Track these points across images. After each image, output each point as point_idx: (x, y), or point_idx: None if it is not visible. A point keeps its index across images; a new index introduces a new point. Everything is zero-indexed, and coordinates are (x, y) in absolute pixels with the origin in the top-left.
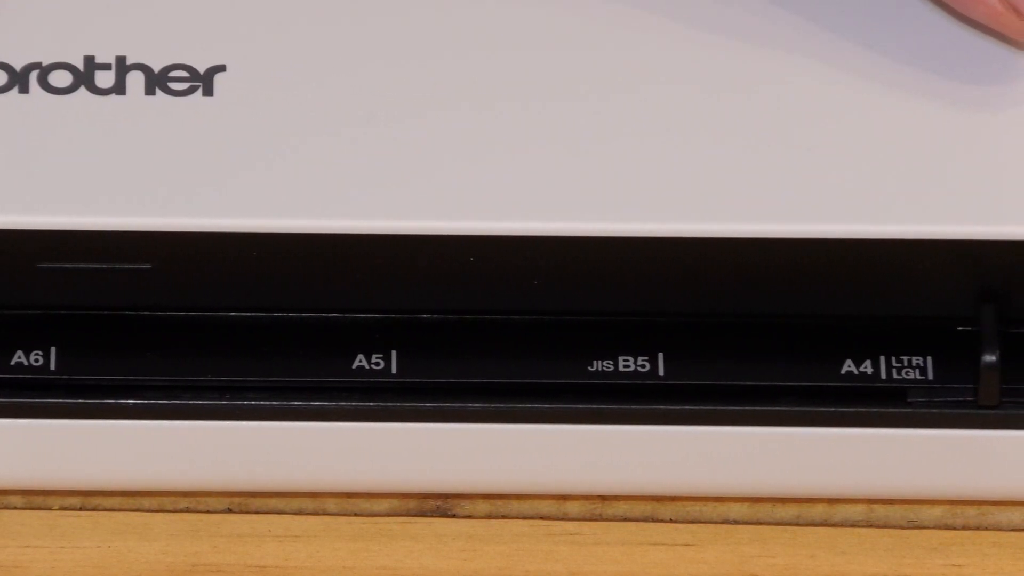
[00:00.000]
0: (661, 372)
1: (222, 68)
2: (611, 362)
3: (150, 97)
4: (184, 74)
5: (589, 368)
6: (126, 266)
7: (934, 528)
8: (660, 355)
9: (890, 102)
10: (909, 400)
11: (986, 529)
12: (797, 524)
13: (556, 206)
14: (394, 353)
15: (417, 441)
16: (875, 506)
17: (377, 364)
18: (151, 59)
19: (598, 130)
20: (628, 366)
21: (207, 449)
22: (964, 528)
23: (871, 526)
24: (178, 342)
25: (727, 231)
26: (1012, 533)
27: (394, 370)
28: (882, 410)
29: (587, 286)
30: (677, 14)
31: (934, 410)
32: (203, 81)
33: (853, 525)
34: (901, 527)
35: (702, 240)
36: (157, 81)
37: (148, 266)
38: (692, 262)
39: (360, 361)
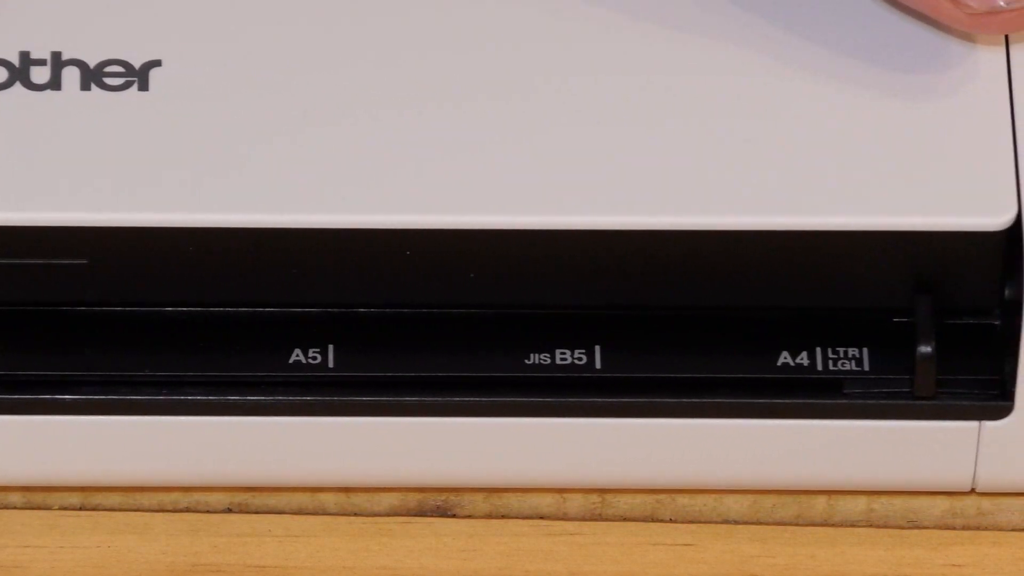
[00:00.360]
0: (598, 365)
1: (157, 63)
2: (548, 355)
3: (85, 92)
4: (119, 69)
5: (526, 361)
6: (62, 261)
7: (934, 528)
8: (597, 348)
9: (825, 93)
10: (845, 391)
11: (986, 529)
12: (797, 524)
13: (492, 200)
14: (331, 347)
15: (354, 435)
16: (875, 506)
17: (314, 358)
18: (86, 54)
19: (533, 124)
20: (565, 359)
21: (144, 443)
22: (964, 528)
23: (871, 526)
24: (115, 337)
25: (663, 224)
26: (1012, 533)
27: (331, 364)
28: (818, 401)
29: (524, 280)
30: (620, 7)
31: (870, 401)
32: (138, 76)
33: (853, 525)
34: (901, 527)
35: (638, 233)
36: (92, 76)
37: (84, 261)
38: (629, 255)
39: (297, 355)
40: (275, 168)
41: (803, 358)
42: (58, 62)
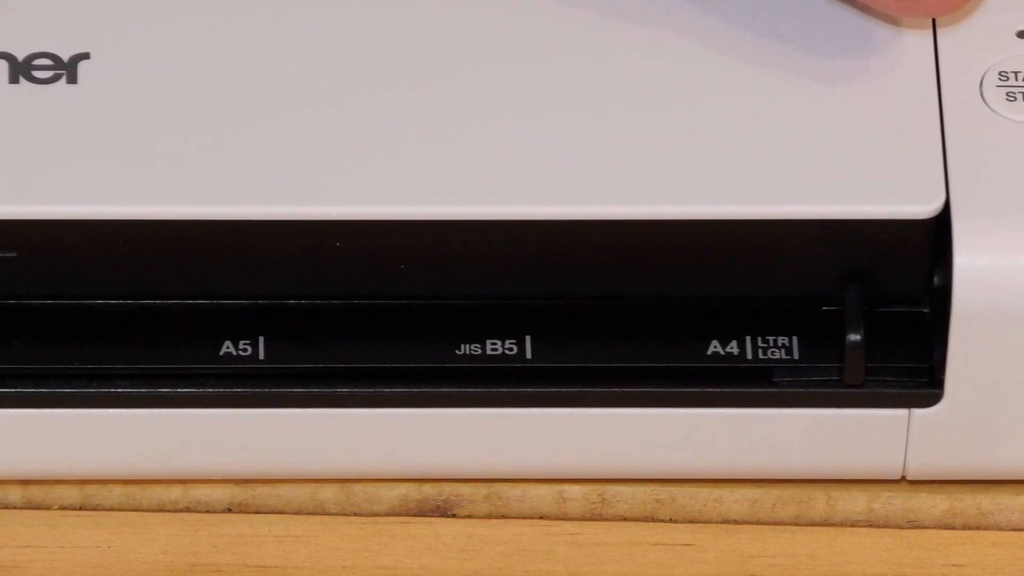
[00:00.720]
0: (528, 355)
1: (86, 56)
2: (479, 345)
3: (14, 86)
4: (48, 62)
5: (457, 352)
6: None
7: (934, 528)
8: (527, 338)
9: (750, 80)
10: (775, 380)
11: (986, 529)
12: (797, 524)
13: (420, 191)
14: (261, 339)
15: (285, 427)
16: (875, 505)
17: (244, 350)
18: (14, 48)
19: (460, 113)
20: (496, 349)
21: (74, 436)
22: (964, 528)
23: (871, 526)
24: (44, 330)
25: (592, 213)
26: (1012, 533)
27: (261, 356)
28: (748, 390)
29: (454, 270)
30: None
31: (800, 390)
32: (67, 69)
33: (853, 525)
34: (901, 527)
35: (567, 223)
36: (20, 70)
37: (13, 254)
38: (558, 245)
39: (227, 348)
40: (204, 160)
41: (733, 347)
42: None
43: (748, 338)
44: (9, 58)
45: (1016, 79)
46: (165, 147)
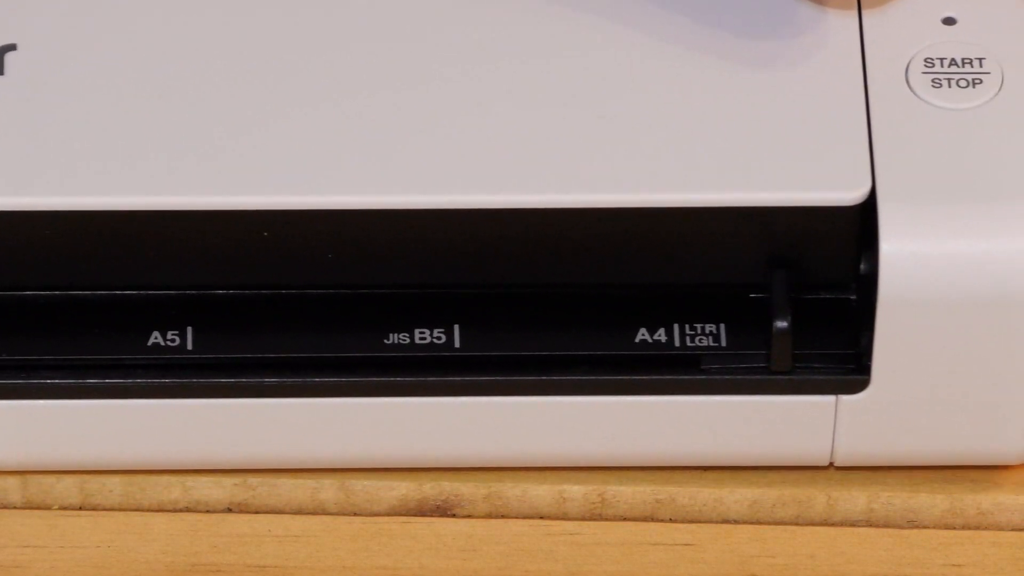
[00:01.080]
0: (457, 344)
1: (12, 48)
2: (407, 335)
3: None
4: None
5: (385, 341)
6: None
7: (934, 528)
8: (456, 327)
9: (673, 64)
10: (703, 367)
11: (986, 529)
12: (797, 524)
13: (349, 179)
14: (190, 329)
15: (214, 417)
16: (875, 505)
17: (172, 340)
18: None
19: (384, 102)
20: (424, 338)
21: (1, 428)
22: (964, 528)
23: (871, 525)
24: None
25: (519, 202)
26: (1012, 533)
27: (190, 346)
28: (676, 377)
29: (382, 259)
30: None
31: (727, 377)
32: None
33: (853, 524)
34: (901, 527)
35: (495, 211)
36: None
37: None
38: (487, 233)
39: (155, 338)
40: (131, 150)
41: (661, 334)
42: None
43: (676, 325)
44: None
45: (942, 66)
46: (90, 138)
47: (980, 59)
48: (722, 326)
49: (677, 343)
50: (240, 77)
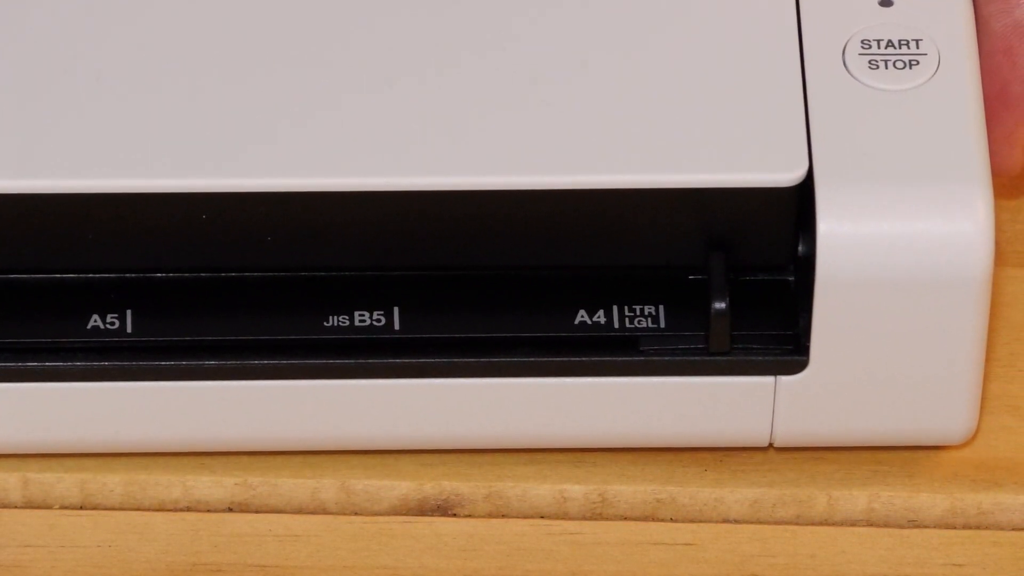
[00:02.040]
0: (396, 326)
1: None
2: (347, 317)
3: None
4: None
5: (324, 323)
6: None
7: (934, 527)
8: (395, 309)
9: (611, 47)
10: (642, 348)
11: (986, 528)
12: (797, 523)
13: (285, 162)
14: (129, 312)
15: (152, 399)
16: (875, 505)
17: (112, 324)
18: None
19: (322, 84)
20: (364, 320)
21: None
22: (965, 527)
23: (871, 525)
24: None
25: (456, 184)
26: (1013, 532)
27: (129, 329)
28: (615, 359)
29: (321, 242)
30: None
31: (666, 358)
32: None
33: (853, 524)
34: (901, 526)
35: (433, 193)
36: None
37: None
38: (424, 215)
39: (95, 321)
40: (68, 133)
41: (600, 316)
42: None
43: (615, 307)
44: None
45: (879, 47)
46: (27, 121)
47: (917, 40)
48: (661, 307)
49: (616, 325)
50: (175, 59)
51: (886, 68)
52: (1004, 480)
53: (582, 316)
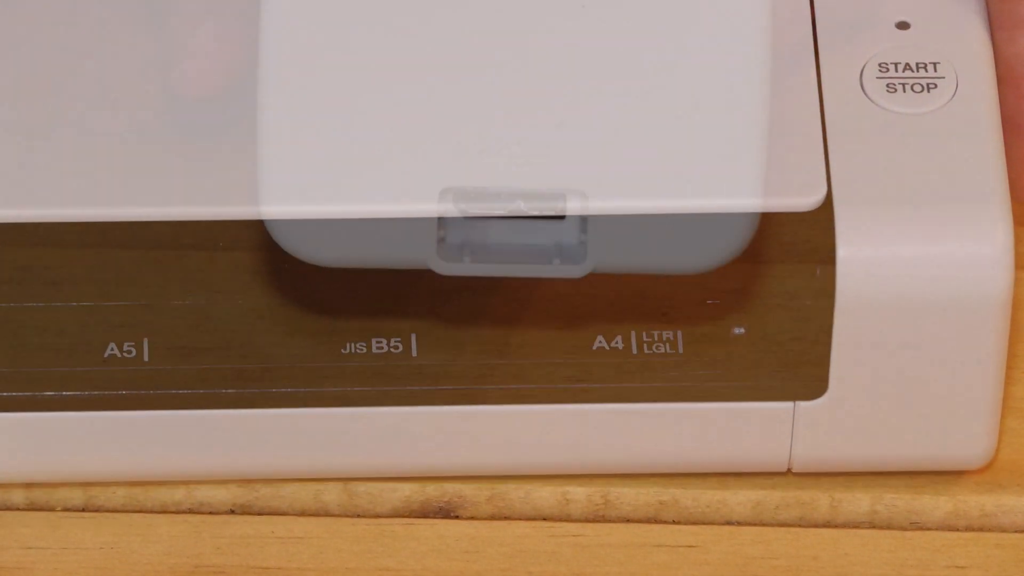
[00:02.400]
0: (414, 352)
1: None
2: (364, 344)
3: None
4: None
5: (342, 351)
6: None
7: (937, 529)
8: (413, 335)
9: (632, 70)
10: (659, 374)
11: (989, 531)
12: (800, 525)
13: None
14: (145, 341)
15: (170, 428)
16: (878, 507)
17: (129, 352)
18: None
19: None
20: (381, 348)
21: None
22: (967, 529)
23: (874, 527)
24: None
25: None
26: (1015, 535)
27: (146, 358)
28: (633, 385)
29: (334, 269)
30: None
31: (684, 384)
32: None
33: (856, 526)
34: (904, 528)
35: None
36: None
37: None
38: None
39: (112, 350)
40: (83, 159)
41: (618, 342)
42: None
43: (633, 332)
44: None
45: (896, 70)
46: (40, 148)
47: (935, 63)
48: (679, 333)
49: (634, 350)
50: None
51: (904, 91)
52: (1007, 482)
53: (600, 342)
